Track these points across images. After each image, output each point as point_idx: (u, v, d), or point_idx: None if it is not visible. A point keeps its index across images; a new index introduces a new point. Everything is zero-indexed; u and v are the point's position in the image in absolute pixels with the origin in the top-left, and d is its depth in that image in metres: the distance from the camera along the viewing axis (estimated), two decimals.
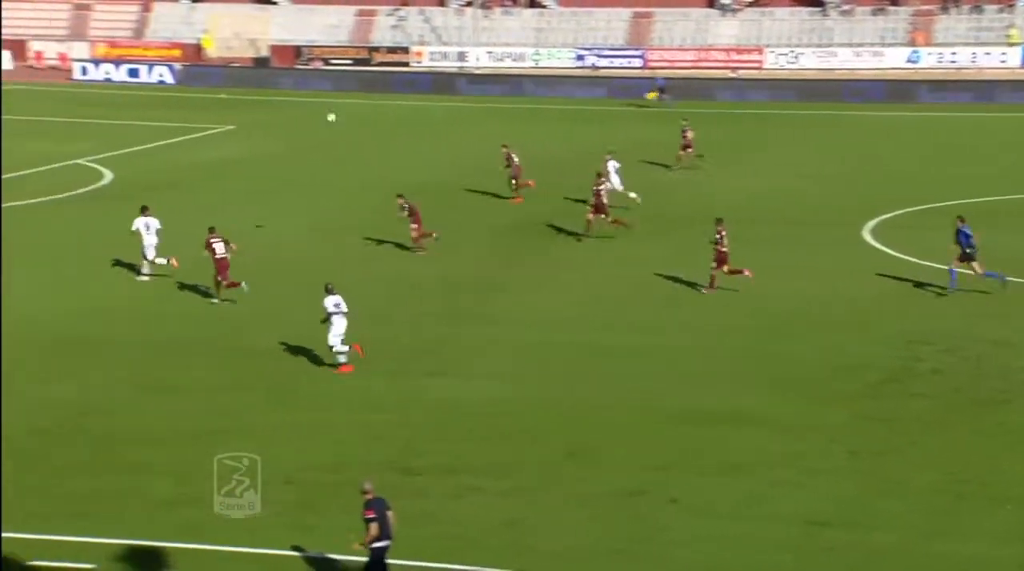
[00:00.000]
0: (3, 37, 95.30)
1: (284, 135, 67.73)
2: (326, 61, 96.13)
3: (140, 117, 73.45)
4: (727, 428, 27.82)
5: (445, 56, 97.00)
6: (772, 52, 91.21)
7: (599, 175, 45.63)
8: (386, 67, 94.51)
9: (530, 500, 24.31)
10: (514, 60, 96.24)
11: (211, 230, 36.51)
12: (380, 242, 43.67)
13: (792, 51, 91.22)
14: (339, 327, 30.08)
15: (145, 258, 38.18)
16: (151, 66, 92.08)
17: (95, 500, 24.28)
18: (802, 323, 35.16)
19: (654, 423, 28.13)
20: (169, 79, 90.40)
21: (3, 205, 39.41)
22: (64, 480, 25.18)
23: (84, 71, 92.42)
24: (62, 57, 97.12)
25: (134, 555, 22.02)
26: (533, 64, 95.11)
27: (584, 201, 46.50)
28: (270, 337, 33.49)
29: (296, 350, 32.53)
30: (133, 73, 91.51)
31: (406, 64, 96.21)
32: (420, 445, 26.76)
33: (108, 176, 55.23)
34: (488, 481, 25.12)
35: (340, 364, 30.76)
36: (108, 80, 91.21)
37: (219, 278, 35.96)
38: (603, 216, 44.27)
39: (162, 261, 38.22)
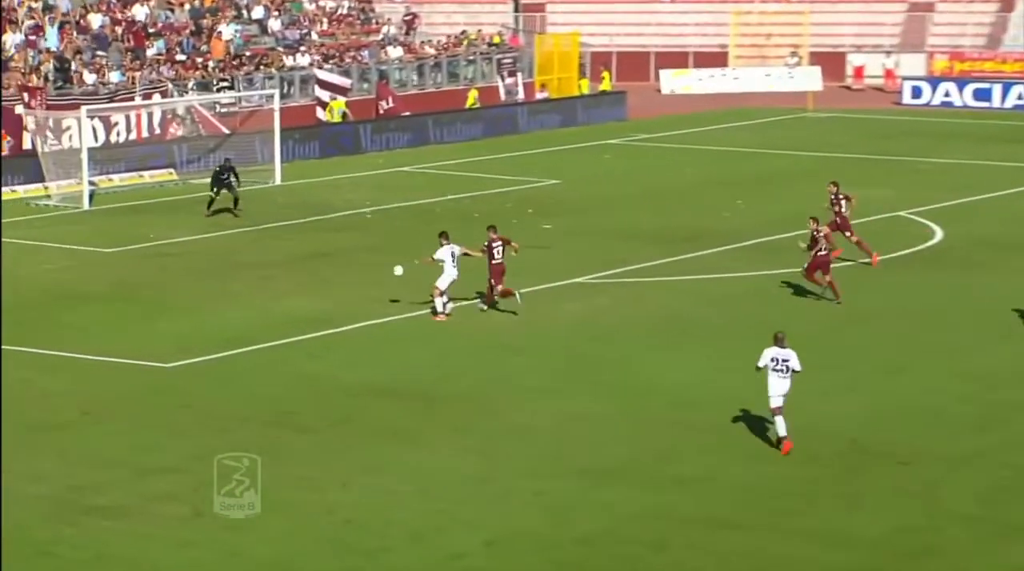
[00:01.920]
0: (817, 49, 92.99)
1: None
2: None
3: (986, 155, 67.67)
4: None
5: None
6: None
7: None
8: None
9: None
10: None
11: (491, 228, 39.33)
12: None
13: None
14: (776, 388, 29.88)
15: (441, 292, 39.63)
16: (1006, 85, 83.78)
17: None
18: None
19: None
20: None
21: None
22: None
23: (916, 92, 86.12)
24: (888, 74, 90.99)
25: None
26: None
27: None
28: None
29: None
30: (981, 95, 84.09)
31: None
32: None
33: (938, 233, 50.29)
34: None
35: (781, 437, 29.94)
36: (946, 104, 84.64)
37: (493, 282, 39.27)
38: None
39: (444, 299, 39.53)
